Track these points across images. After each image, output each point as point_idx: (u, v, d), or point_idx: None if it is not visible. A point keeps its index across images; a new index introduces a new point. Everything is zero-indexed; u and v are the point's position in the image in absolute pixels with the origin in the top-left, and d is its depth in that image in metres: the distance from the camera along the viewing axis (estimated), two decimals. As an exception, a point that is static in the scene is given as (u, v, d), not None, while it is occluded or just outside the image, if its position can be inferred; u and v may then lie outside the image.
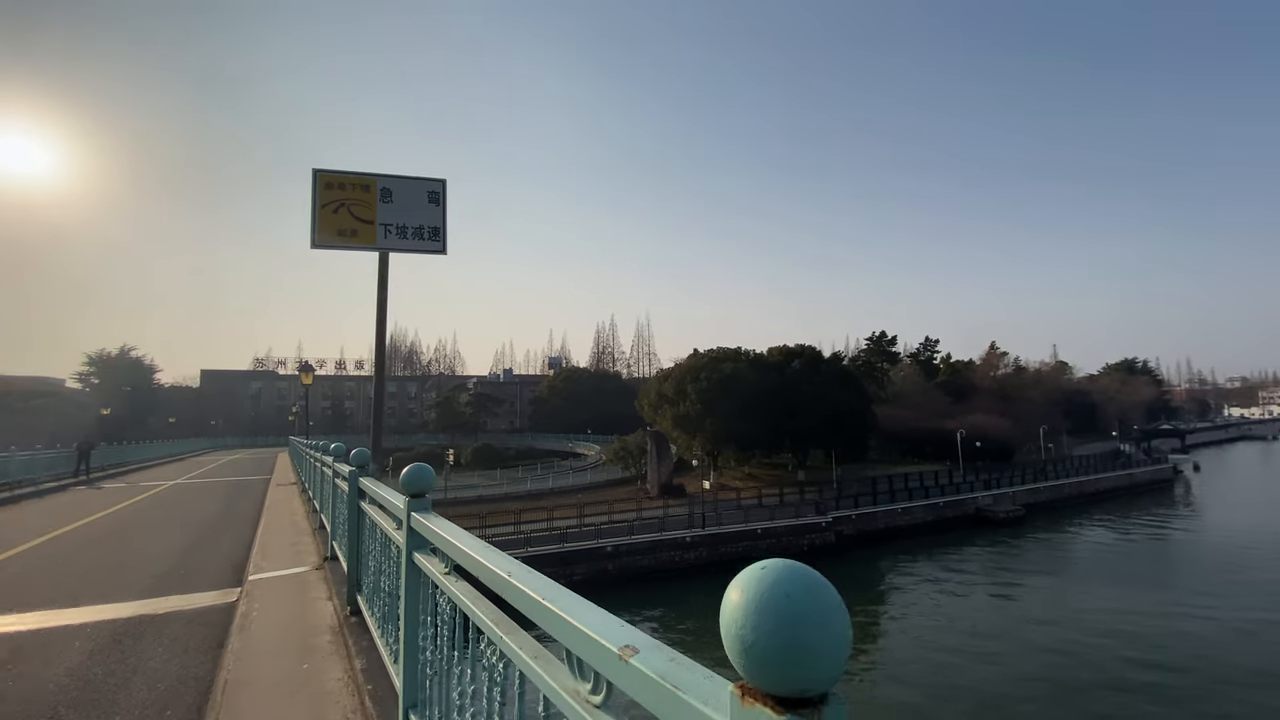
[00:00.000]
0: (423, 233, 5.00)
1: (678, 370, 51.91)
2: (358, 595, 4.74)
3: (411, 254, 5.05)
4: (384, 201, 4.84)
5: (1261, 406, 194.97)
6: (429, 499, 2.79)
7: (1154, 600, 28.61)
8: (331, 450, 6.77)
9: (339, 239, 4.74)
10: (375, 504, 4.08)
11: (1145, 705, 18.67)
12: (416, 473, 2.78)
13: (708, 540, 34.67)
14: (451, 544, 2.12)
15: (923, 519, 46.47)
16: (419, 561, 2.62)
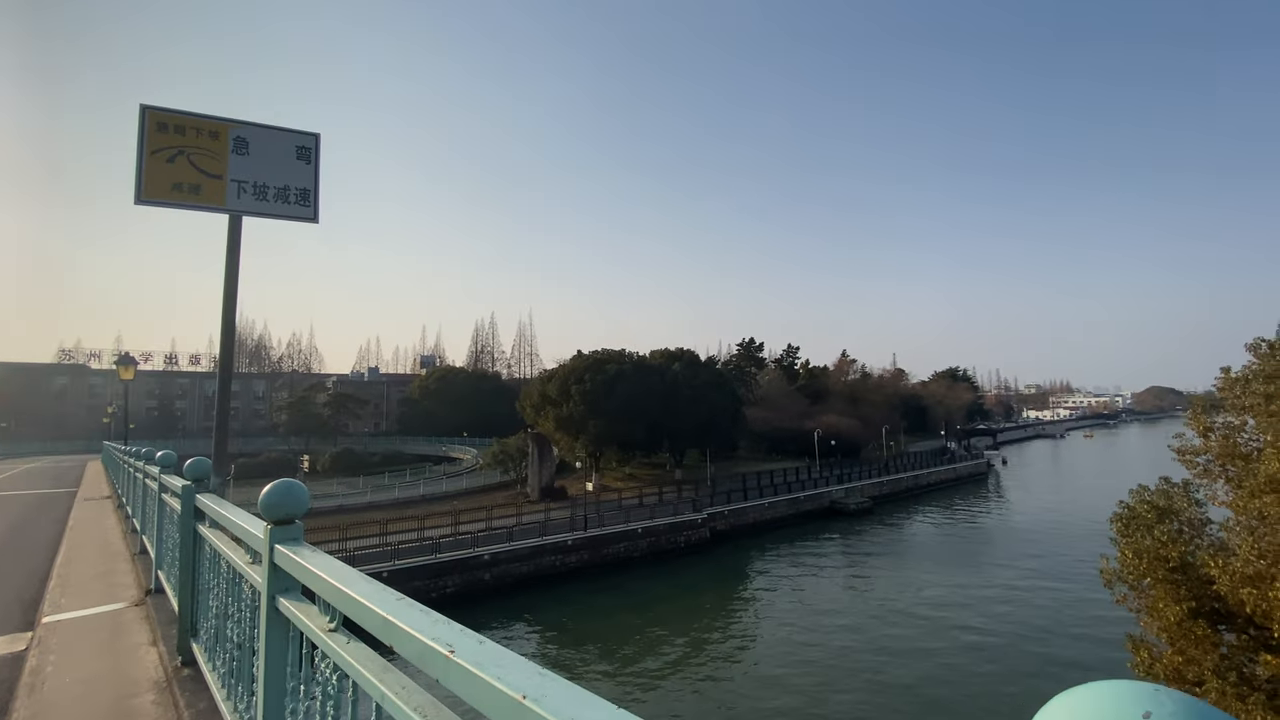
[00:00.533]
0: (288, 195, 4.12)
1: (562, 371, 51.10)
2: (193, 642, 3.80)
3: (269, 221, 4.15)
4: (238, 153, 3.93)
5: (1051, 410, 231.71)
6: (300, 526, 2.15)
7: (975, 575, 33.29)
8: (158, 459, 5.52)
9: (175, 195, 3.75)
10: (220, 529, 3.25)
11: (972, 663, 21.88)
12: (283, 493, 2.14)
13: (590, 542, 34.33)
14: (343, 594, 1.56)
15: (786, 512, 49.65)
16: (287, 609, 2.00)
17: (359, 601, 1.43)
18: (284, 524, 2.11)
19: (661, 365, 55.79)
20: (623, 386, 49.55)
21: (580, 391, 48.46)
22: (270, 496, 2.10)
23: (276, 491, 2.11)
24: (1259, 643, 8.66)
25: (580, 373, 50.06)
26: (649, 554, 36.73)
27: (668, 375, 54.66)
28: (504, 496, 44.53)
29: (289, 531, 2.10)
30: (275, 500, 2.10)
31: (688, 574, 34.43)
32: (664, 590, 31.32)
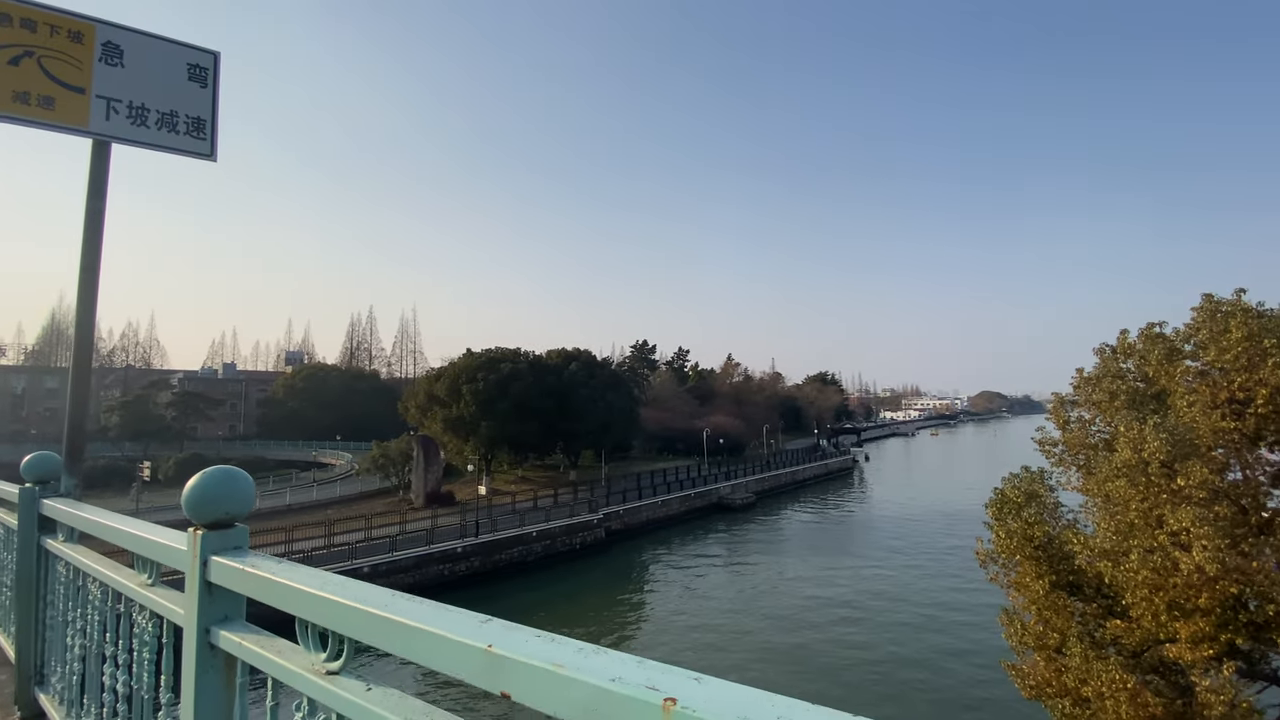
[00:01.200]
0: (175, 122, 3.28)
1: (452, 370, 48.61)
2: (39, 692, 2.86)
3: (144, 153, 3.29)
4: (108, 63, 3.06)
5: (904, 411, 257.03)
6: (245, 530, 1.58)
7: (847, 560, 36.52)
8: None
9: (17, 109, 2.83)
10: (87, 543, 2.45)
11: (846, 642, 24.01)
12: (220, 484, 1.56)
13: (481, 548, 32.88)
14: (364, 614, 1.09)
15: (678, 510, 50.80)
16: (238, 646, 1.44)
17: (400, 623, 0.97)
18: (221, 527, 1.53)
19: (558, 365, 54.91)
20: (518, 386, 48.11)
21: (472, 391, 46.40)
22: (201, 490, 1.50)
23: (210, 483, 1.51)
24: (1106, 610, 9.89)
25: (472, 372, 47.94)
26: (544, 557, 35.90)
27: (564, 375, 53.89)
28: (385, 504, 41.44)
29: (229, 538, 1.53)
30: (209, 494, 1.51)
31: (584, 575, 34.21)
32: (560, 592, 30.90)
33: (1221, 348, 8.66)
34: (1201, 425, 8.55)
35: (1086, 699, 8.81)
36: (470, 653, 0.84)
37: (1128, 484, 8.59)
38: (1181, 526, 7.72)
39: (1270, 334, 8.30)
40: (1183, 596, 7.66)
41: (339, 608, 1.13)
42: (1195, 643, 7.91)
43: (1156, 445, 8.23)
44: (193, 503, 1.50)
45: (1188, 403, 8.87)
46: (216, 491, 1.51)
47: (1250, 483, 8.56)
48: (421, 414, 48.99)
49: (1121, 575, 8.39)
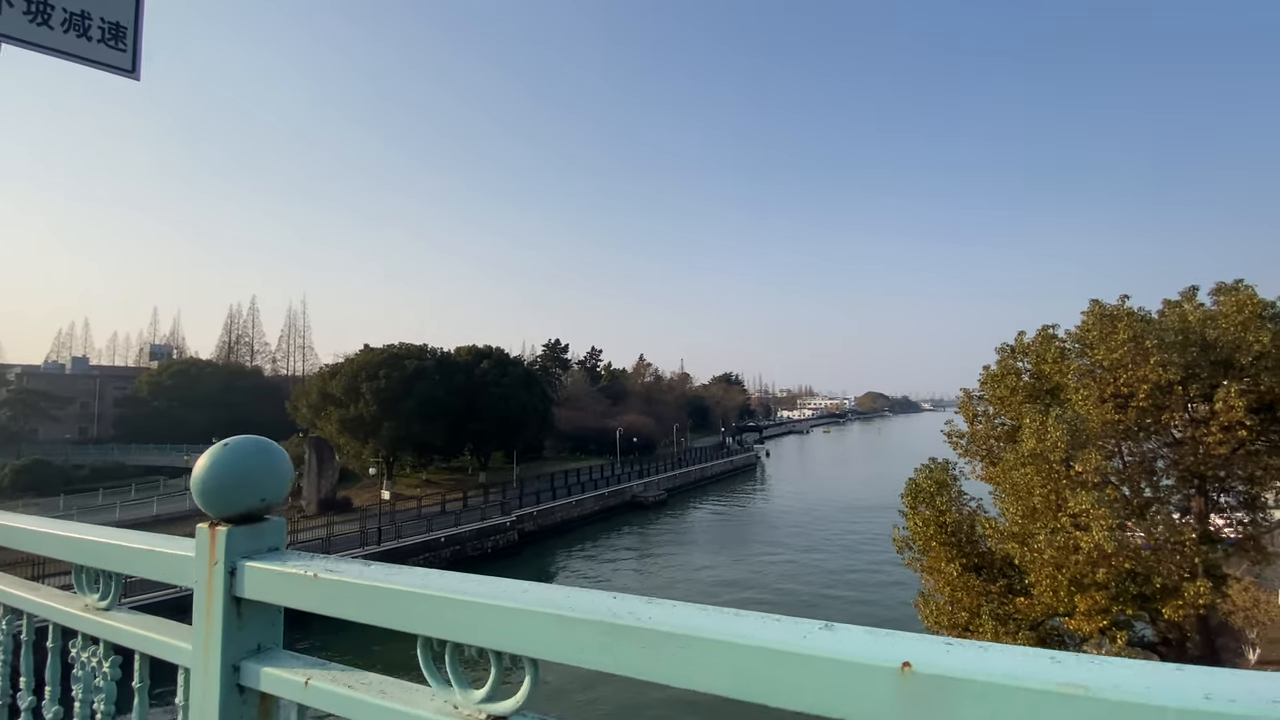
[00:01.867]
0: (86, 25, 2.60)
1: (350, 367, 45.32)
2: None
3: (50, 62, 2.59)
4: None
5: (799, 410, 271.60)
6: (281, 524, 1.17)
7: (752, 550, 38.28)
8: None
9: None
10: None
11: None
12: (253, 456, 1.16)
13: (384, 557, 30.82)
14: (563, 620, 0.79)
15: (592, 509, 50.50)
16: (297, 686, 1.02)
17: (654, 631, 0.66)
18: (251, 520, 1.11)
19: (468, 363, 52.86)
20: (424, 385, 45.74)
21: (373, 390, 43.52)
22: (225, 469, 1.09)
23: (238, 459, 1.10)
24: (1007, 588, 10.76)
25: (373, 369, 44.98)
26: (453, 563, 34.30)
27: (474, 373, 51.94)
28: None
29: (263, 535, 1.12)
30: (239, 475, 1.09)
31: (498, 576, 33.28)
32: None
33: (1109, 348, 9.67)
34: (1093, 417, 9.50)
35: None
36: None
37: (1033, 471, 9.36)
38: (1081, 509, 8.51)
39: (1151, 335, 9.37)
40: (1083, 573, 8.45)
41: (515, 617, 0.78)
42: (1090, 615, 8.74)
43: (1058, 435, 9.04)
44: (214, 487, 1.07)
45: (1081, 397, 9.83)
46: (249, 470, 1.10)
47: (1131, 468, 9.62)
48: (314, 414, 45.34)
49: (1029, 555, 9.12)
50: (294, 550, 1.11)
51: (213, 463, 1.09)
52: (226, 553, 1.09)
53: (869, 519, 46.61)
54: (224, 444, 1.12)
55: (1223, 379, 9.27)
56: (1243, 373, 9.27)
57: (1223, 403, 8.71)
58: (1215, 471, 9.32)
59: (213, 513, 1.12)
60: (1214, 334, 9.77)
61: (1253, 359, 9.25)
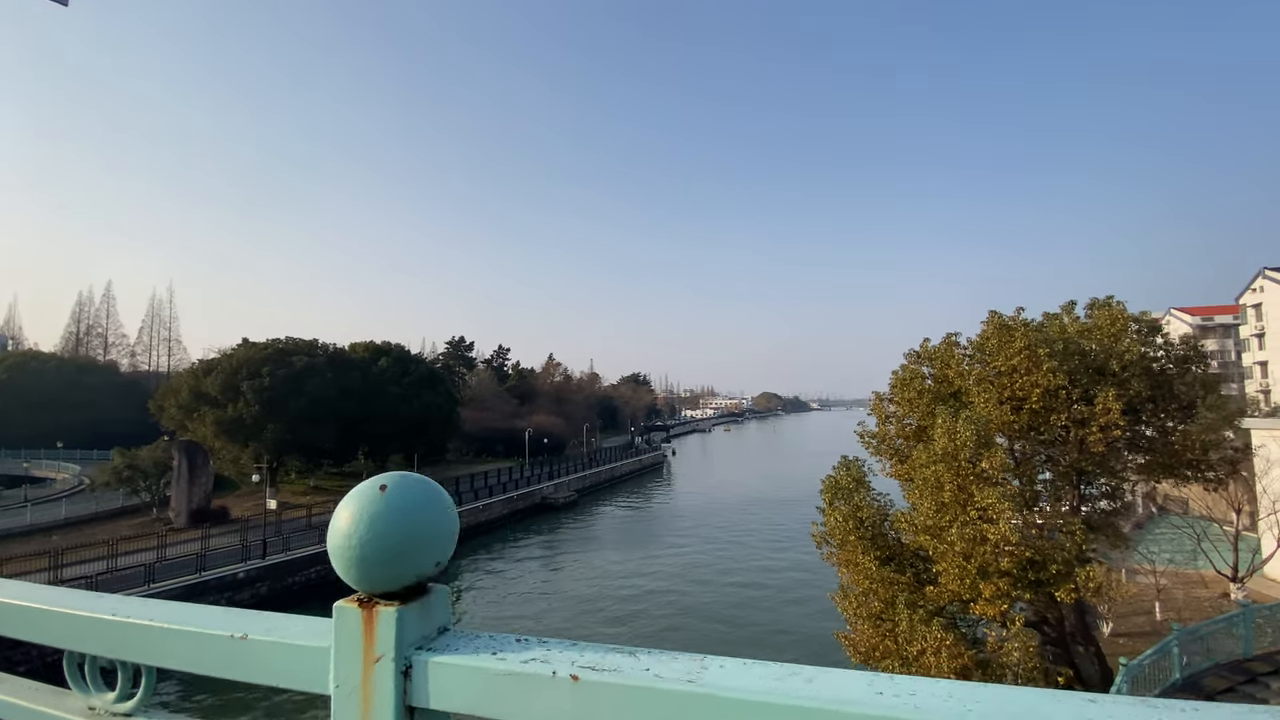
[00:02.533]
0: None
1: (227, 363, 41.00)
2: None
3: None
4: None
5: (701, 409, 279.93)
6: (445, 591, 0.85)
7: (661, 545, 39.27)
8: None
9: None
10: None
11: (658, 620, 26.07)
12: (424, 508, 0.82)
13: (271, 572, 28.26)
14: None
15: (501, 512, 49.04)
16: None
17: None
18: (417, 595, 0.80)
19: (364, 360, 49.59)
20: (314, 383, 42.36)
21: (256, 388, 39.68)
22: (389, 525, 0.77)
23: (402, 511, 0.78)
24: (915, 578, 11.53)
25: (255, 365, 41.01)
26: (348, 575, 32.05)
27: (371, 372, 48.84)
28: (134, 525, 33.50)
29: (433, 613, 0.79)
30: (407, 532, 0.77)
31: None
32: None
33: (1007, 355, 10.64)
34: (995, 418, 10.41)
35: (912, 657, 10.14)
36: None
37: (944, 468, 10.08)
38: (988, 503, 9.27)
39: (1043, 344, 10.41)
40: (989, 562, 9.20)
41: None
42: (993, 600, 9.55)
43: (967, 435, 9.80)
44: (379, 551, 0.76)
45: (982, 400, 10.74)
46: (423, 524, 0.76)
47: (1023, 464, 10.64)
48: (185, 415, 40.62)
49: (941, 547, 9.81)
50: (465, 631, 0.82)
51: (372, 516, 0.77)
52: (397, 644, 0.77)
53: (771, 513, 48.95)
54: (380, 486, 0.79)
55: (1099, 384, 10.51)
56: (1115, 378, 10.56)
57: (1102, 405, 9.89)
58: (1092, 466, 10.57)
59: (372, 586, 0.80)
60: (1090, 344, 11.06)
61: (1122, 366, 10.58)
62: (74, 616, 0.98)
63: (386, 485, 0.81)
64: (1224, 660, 12.22)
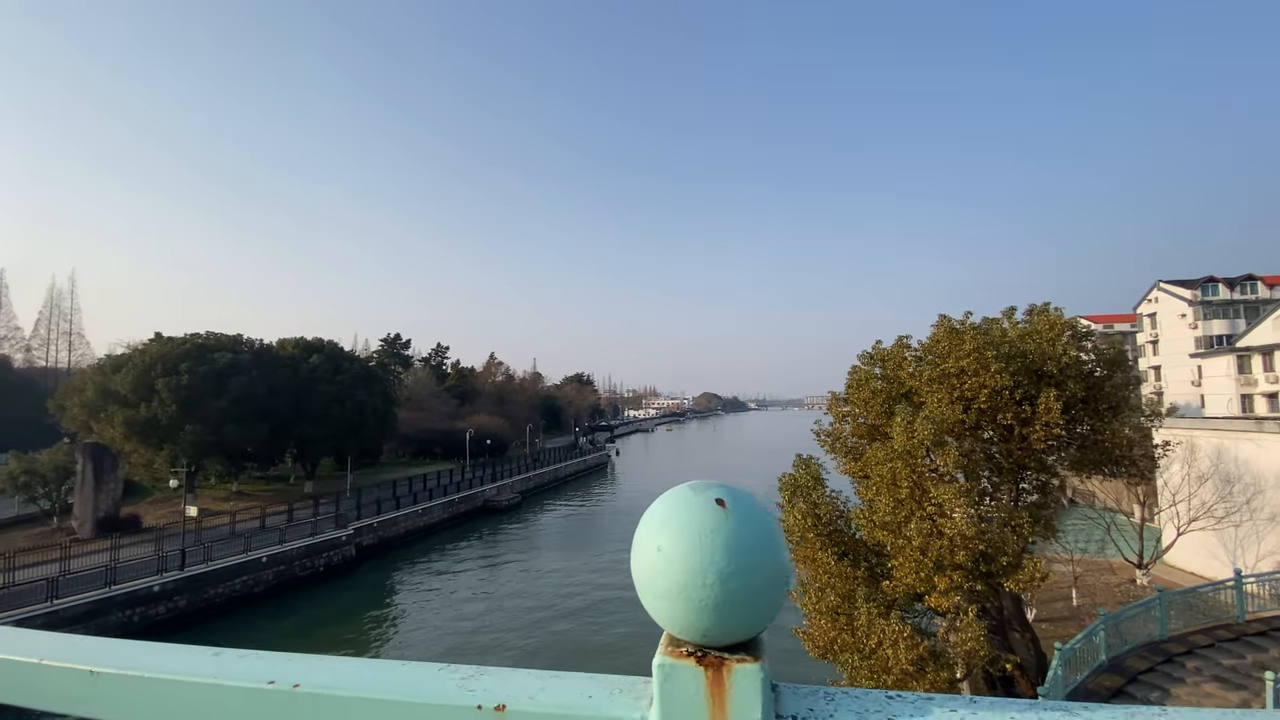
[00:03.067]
0: None
1: (140, 359, 37.82)
2: None
3: None
4: None
5: (644, 409, 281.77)
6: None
7: (603, 550, 38.50)
8: None
9: None
10: None
11: (601, 624, 25.66)
12: (763, 539, 0.62)
13: (190, 584, 26.24)
14: None
15: (441, 516, 47.54)
16: None
17: None
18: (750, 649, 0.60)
19: (294, 357, 46.93)
20: (239, 381, 39.69)
21: (172, 386, 36.79)
22: (747, 560, 0.58)
23: (755, 540, 0.58)
24: (870, 572, 11.87)
25: (172, 361, 38.03)
26: (276, 586, 30.25)
27: (302, 369, 46.27)
28: (31, 536, 30.38)
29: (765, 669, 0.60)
30: (768, 568, 0.58)
31: (328, 600, 29.99)
32: (292, 626, 26.46)
33: (958, 357, 11.11)
34: (948, 417, 10.84)
35: (870, 650, 10.41)
36: None
37: (902, 465, 10.41)
38: (944, 499, 9.62)
39: (991, 347, 10.93)
40: (944, 555, 9.55)
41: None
42: (947, 592, 9.93)
43: (925, 433, 10.15)
44: (738, 590, 0.58)
45: (935, 400, 11.17)
46: (781, 551, 0.57)
47: (972, 461, 11.13)
48: (90, 415, 37.17)
49: (899, 541, 10.12)
50: (796, 684, 0.62)
51: (727, 542, 0.59)
52: (764, 715, 0.57)
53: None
54: (716, 500, 0.57)
55: (1038, 386, 11.15)
56: (1052, 380, 11.24)
57: (1044, 405, 10.49)
58: (1033, 463, 11.22)
59: (720, 636, 0.60)
60: (1030, 347, 11.72)
61: (1060, 369, 11.27)
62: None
63: (724, 500, 0.62)
64: (1143, 642, 13.22)
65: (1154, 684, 12.27)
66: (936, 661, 10.14)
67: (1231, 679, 12.27)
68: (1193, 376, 48.27)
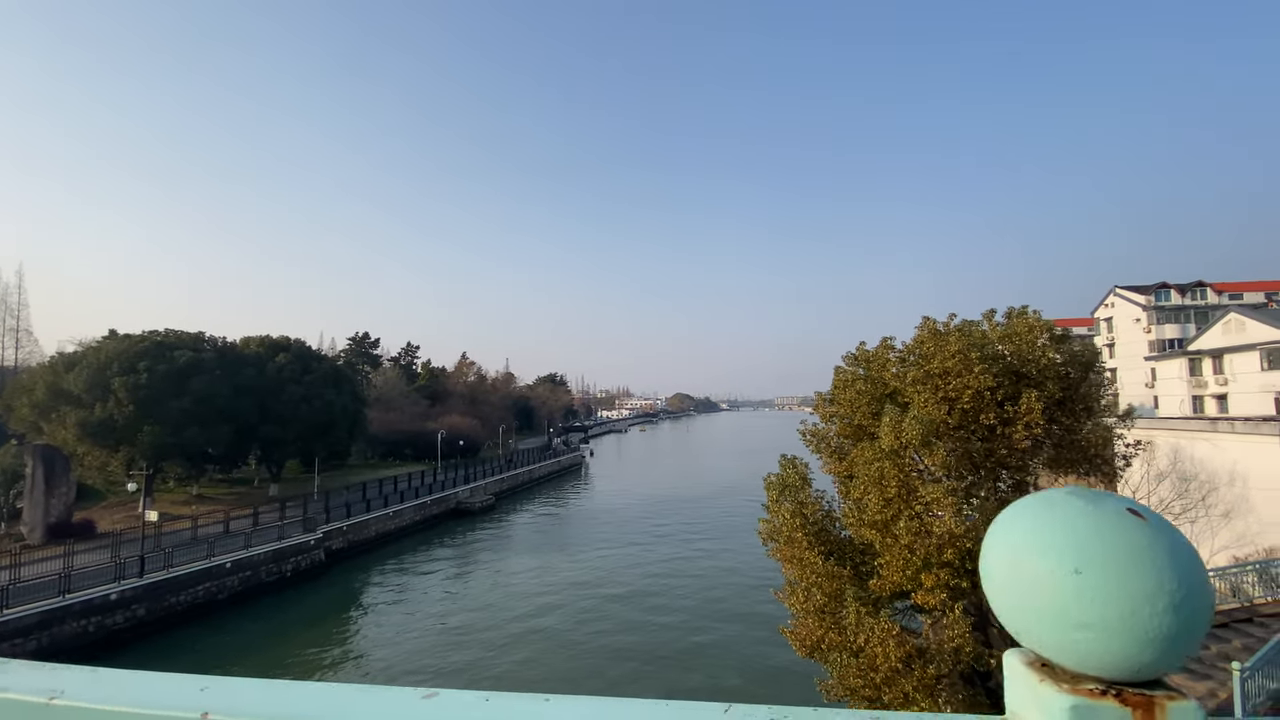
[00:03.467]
0: None
1: (95, 357, 36.20)
2: None
3: None
4: None
5: (617, 410, 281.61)
6: None
7: (575, 551, 38.64)
8: None
9: None
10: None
11: (574, 624, 25.49)
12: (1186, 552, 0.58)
13: (149, 592, 25.19)
14: None
15: (413, 519, 46.65)
16: None
17: None
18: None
19: (260, 356, 45.52)
20: (201, 381, 38.33)
21: (130, 385, 35.32)
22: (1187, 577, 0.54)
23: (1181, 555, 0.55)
24: (856, 572, 11.99)
25: (130, 359, 36.50)
26: (241, 593, 29.30)
27: (269, 369, 44.91)
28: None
29: None
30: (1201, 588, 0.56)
31: (295, 606, 29.21)
32: (259, 635, 25.64)
33: (943, 358, 11.31)
34: (935, 417, 11.03)
35: (858, 648, 10.51)
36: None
37: (891, 464, 10.54)
38: (933, 498, 9.78)
39: (975, 348, 11.16)
40: (934, 553, 9.70)
41: None
42: (933, 590, 10.08)
43: (914, 433, 10.30)
44: (1190, 617, 0.54)
45: (921, 400, 11.36)
46: (1204, 569, 0.57)
47: (957, 460, 11.34)
48: (40, 416, 35.43)
49: (888, 540, 10.24)
50: None
51: (1171, 558, 0.54)
52: None
53: (687, 514, 49.83)
54: (1128, 511, 0.57)
55: (1018, 386, 11.45)
56: (1031, 381, 11.56)
57: (1026, 405, 10.77)
58: (1014, 462, 11.53)
59: (1151, 670, 0.55)
60: (1009, 349, 12.02)
61: (1039, 370, 11.59)
62: None
63: (1139, 512, 0.57)
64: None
65: (1124, 675, 12.69)
66: (923, 658, 10.29)
67: (1197, 669, 12.75)
68: (1147, 379, 50.33)
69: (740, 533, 40.74)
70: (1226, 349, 40.63)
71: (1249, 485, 23.08)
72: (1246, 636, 13.73)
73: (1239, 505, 23.14)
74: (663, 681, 20.21)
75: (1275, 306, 46.36)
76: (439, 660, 22.16)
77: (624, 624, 25.42)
